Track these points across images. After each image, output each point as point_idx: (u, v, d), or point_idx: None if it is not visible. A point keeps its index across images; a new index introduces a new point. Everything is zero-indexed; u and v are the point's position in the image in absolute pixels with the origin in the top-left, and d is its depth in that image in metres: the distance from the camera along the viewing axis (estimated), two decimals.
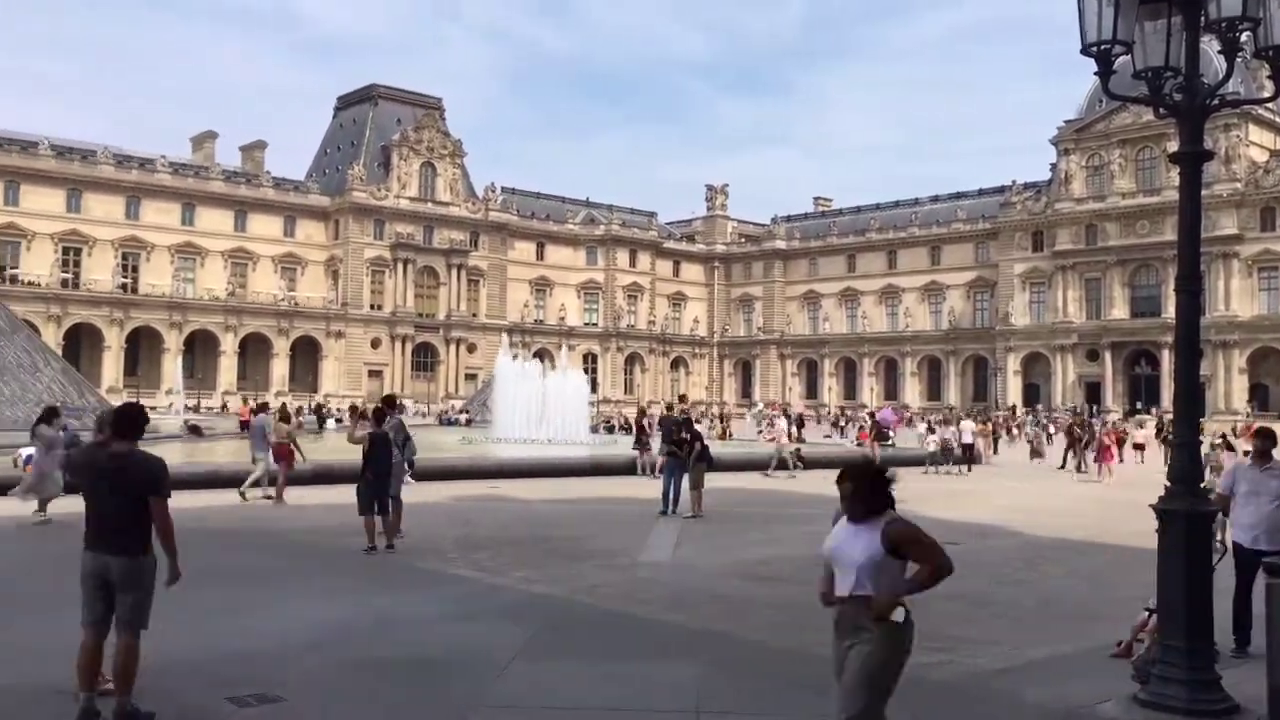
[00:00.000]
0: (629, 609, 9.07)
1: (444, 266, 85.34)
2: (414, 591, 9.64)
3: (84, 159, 73.95)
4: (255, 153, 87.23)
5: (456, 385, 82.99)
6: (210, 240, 77.73)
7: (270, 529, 13.85)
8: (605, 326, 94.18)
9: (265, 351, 78.79)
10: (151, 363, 73.93)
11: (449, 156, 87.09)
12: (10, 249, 70.11)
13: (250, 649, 7.35)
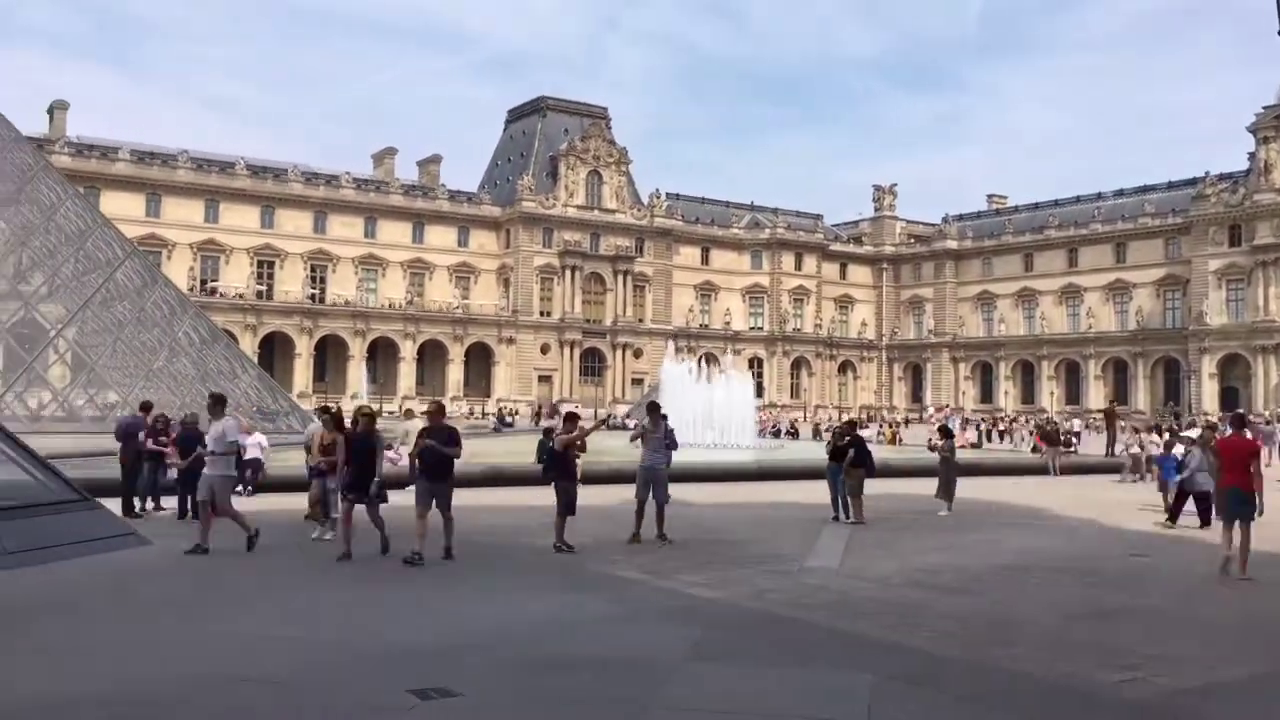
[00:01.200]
0: (796, 615, 8.96)
1: (610, 273, 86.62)
2: (582, 593, 9.79)
3: (276, 177, 78.54)
4: (431, 167, 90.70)
5: (623, 390, 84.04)
6: (390, 251, 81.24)
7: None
8: (771, 330, 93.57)
9: (441, 357, 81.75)
10: (337, 369, 77.80)
11: (614, 164, 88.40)
12: (211, 264, 75.11)
13: (429, 644, 7.62)
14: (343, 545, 11.38)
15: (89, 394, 34.78)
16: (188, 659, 7.08)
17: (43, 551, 10.38)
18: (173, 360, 34.43)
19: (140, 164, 73.31)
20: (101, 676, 6.63)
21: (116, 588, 9.75)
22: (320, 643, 7.63)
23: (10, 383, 31.56)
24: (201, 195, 75.03)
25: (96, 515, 11.58)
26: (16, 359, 32.75)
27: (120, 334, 34.01)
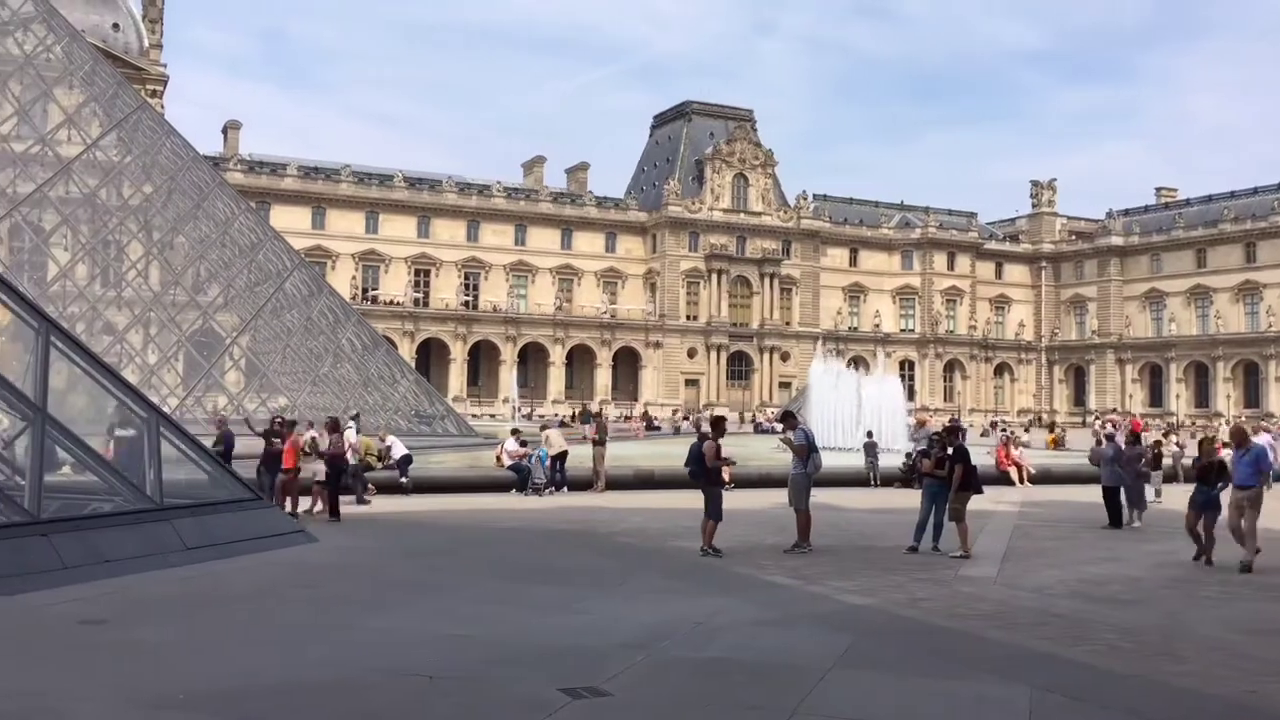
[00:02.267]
0: (951, 624, 8.72)
1: (757, 276, 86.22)
2: (731, 596, 9.76)
3: (431, 188, 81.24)
4: (579, 174, 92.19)
5: (770, 393, 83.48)
6: (540, 258, 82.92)
7: (597, 530, 14.52)
8: (922, 332, 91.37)
9: (590, 362, 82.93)
10: (490, 373, 79.84)
11: (760, 167, 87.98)
12: (371, 273, 78.22)
13: (578, 644, 7.73)
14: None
15: (261, 398, 36.64)
16: (351, 652, 7.38)
17: (219, 547, 11.01)
18: (337, 366, 35.99)
19: (306, 179, 76.95)
20: (273, 667, 6.98)
21: (286, 583, 10.23)
22: (474, 640, 7.84)
23: (191, 387, 33.55)
24: (362, 207, 78.22)
25: (268, 513, 12.22)
26: (195, 365, 34.82)
27: (289, 341, 35.76)
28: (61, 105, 34.17)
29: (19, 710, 5.88)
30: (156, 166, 34.55)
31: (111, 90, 34.44)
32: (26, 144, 33.92)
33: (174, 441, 11.67)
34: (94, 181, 33.92)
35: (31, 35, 33.63)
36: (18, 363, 11.94)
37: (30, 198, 32.40)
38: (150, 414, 11.59)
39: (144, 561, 10.06)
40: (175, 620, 8.40)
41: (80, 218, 34.62)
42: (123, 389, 11.88)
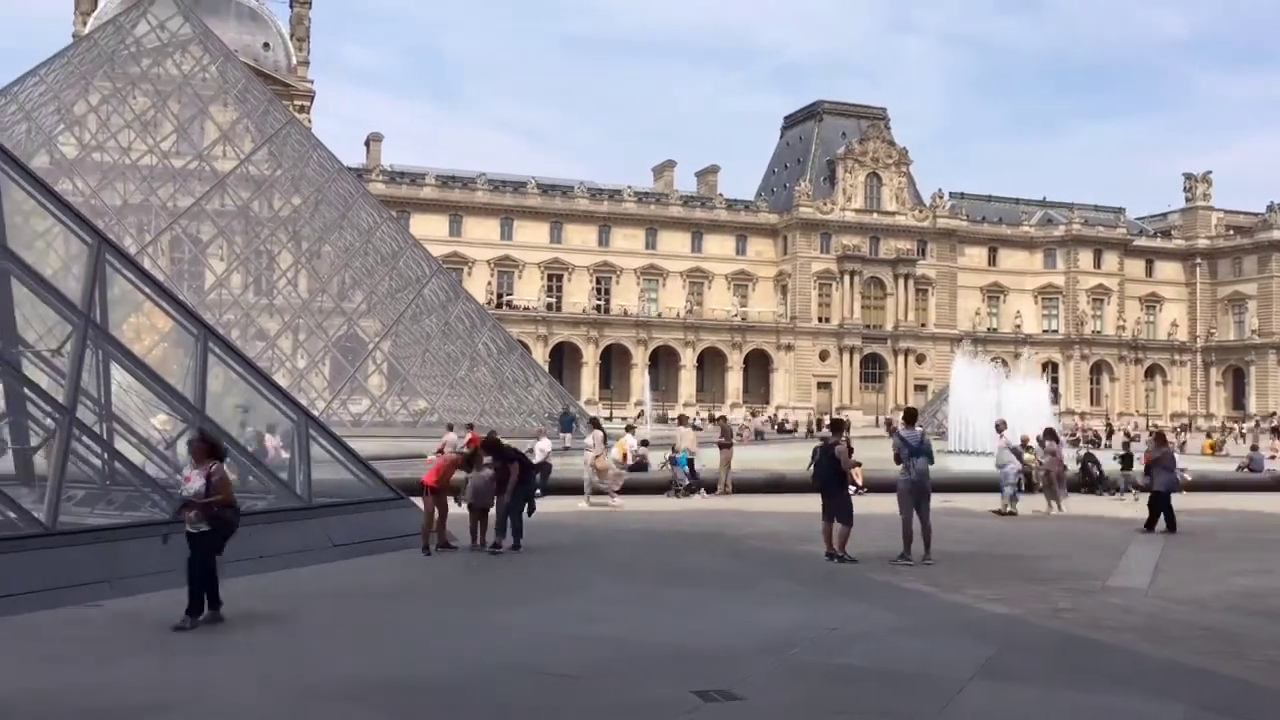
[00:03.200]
0: (1098, 637, 8.37)
1: (890, 276, 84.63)
2: (866, 603, 9.61)
3: (564, 195, 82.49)
4: (709, 177, 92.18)
5: (906, 396, 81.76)
6: (670, 261, 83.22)
7: (727, 533, 14.49)
8: (1067, 333, 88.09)
9: (720, 365, 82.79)
10: (621, 376, 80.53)
11: (894, 165, 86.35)
12: (506, 278, 79.89)
13: (710, 647, 7.73)
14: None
15: (402, 401, 37.85)
16: (489, 648, 7.55)
17: (364, 544, 11.42)
18: (474, 370, 36.88)
19: (444, 188, 79.10)
20: (416, 661, 7.20)
21: (427, 580, 10.54)
22: (608, 639, 7.92)
23: (337, 391, 34.91)
24: (497, 214, 79.95)
25: (410, 512, 12.60)
26: (341, 370, 36.20)
27: (428, 345, 36.82)
28: (217, 122, 36.00)
29: (188, 697, 6.22)
30: (304, 179, 36.08)
31: (263, 107, 36.12)
32: (185, 160, 35.87)
33: (321, 442, 12.15)
34: (247, 194, 35.63)
35: (189, 56, 35.54)
36: (178, 367, 12.62)
37: (189, 211, 34.25)
38: (300, 416, 12.10)
39: (296, 557, 10.51)
40: (323, 614, 8.75)
41: (234, 229, 36.42)
42: (274, 392, 12.43)
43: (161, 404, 11.11)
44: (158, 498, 10.30)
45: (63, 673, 6.65)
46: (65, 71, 33.69)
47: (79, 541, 9.15)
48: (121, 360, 10.79)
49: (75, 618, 8.02)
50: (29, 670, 6.69)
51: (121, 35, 34.78)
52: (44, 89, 33.33)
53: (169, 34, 35.16)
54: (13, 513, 8.83)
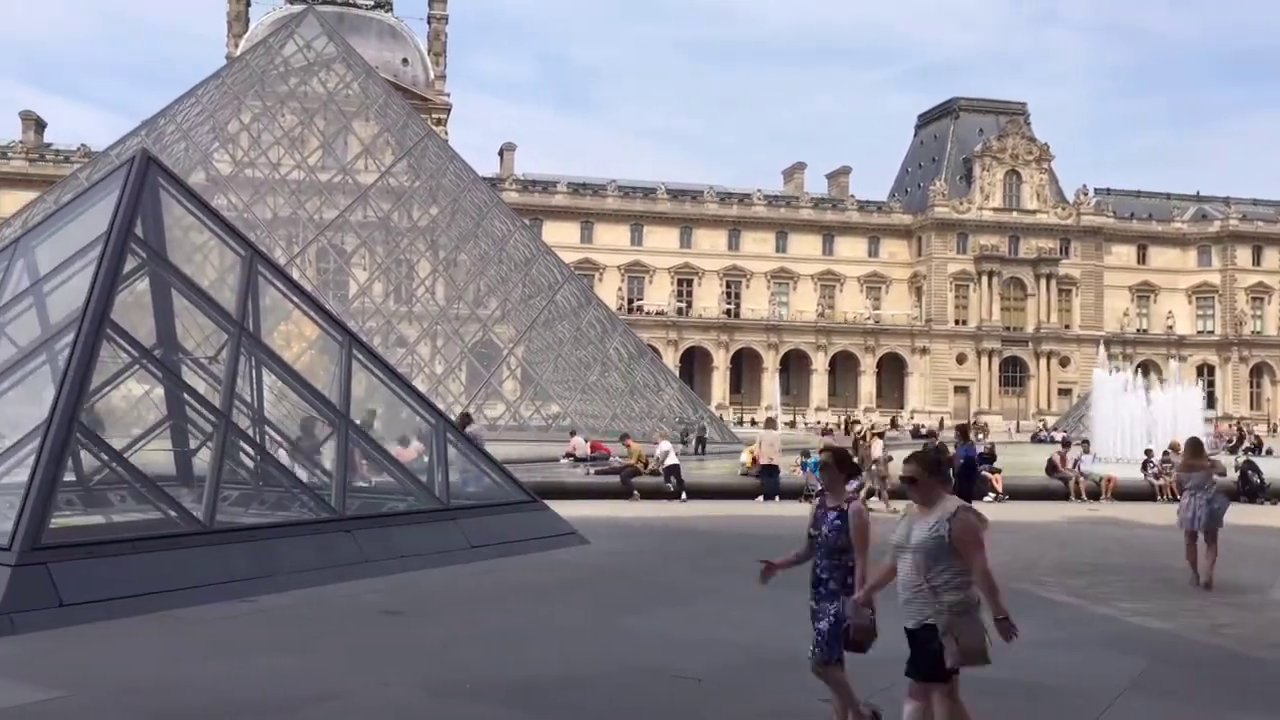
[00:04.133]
0: (1260, 654, 7.92)
1: (1031, 277, 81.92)
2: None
3: (693, 199, 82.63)
4: (840, 178, 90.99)
5: (1048, 401, 79.03)
6: (800, 265, 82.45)
7: None
8: (1224, 334, 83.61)
9: (853, 369, 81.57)
10: (752, 381, 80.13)
11: (1034, 162, 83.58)
12: (636, 283, 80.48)
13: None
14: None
15: (535, 405, 38.52)
16: (621, 650, 7.61)
17: (499, 546, 11.64)
18: (605, 375, 37.26)
19: (575, 195, 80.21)
20: (549, 661, 7.31)
21: (561, 582, 10.68)
22: (740, 644, 7.88)
23: (473, 396, 35.74)
24: (627, 220, 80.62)
25: (544, 515, 12.79)
26: (476, 375, 37.06)
27: (560, 351, 37.37)
28: (359, 137, 37.39)
29: (329, 690, 6.46)
30: (441, 189, 37.13)
31: (402, 121, 37.34)
32: (330, 174, 37.35)
33: (459, 446, 12.46)
34: (387, 206, 36.86)
35: (334, 74, 37.03)
36: (324, 373, 13.12)
37: (334, 223, 35.63)
38: (438, 420, 12.43)
39: (434, 558, 10.79)
40: (461, 614, 8.96)
41: (376, 239, 37.72)
42: (414, 397, 12.80)
43: (309, 408, 11.57)
44: (306, 498, 10.73)
45: (222, 665, 6.99)
46: (219, 92, 35.51)
47: (234, 539, 9.60)
48: (272, 366, 11.29)
49: (232, 612, 8.41)
50: (193, 661, 7.05)
51: (270, 56, 36.48)
52: (200, 109, 35.20)
53: (314, 53, 36.72)
54: (174, 511, 9.32)
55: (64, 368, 9.00)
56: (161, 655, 7.17)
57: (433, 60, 78.78)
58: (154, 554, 8.79)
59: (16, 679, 6.34)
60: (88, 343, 9.01)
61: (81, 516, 10.74)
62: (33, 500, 8.04)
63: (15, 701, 5.96)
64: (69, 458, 9.17)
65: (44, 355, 9.83)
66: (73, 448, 9.04)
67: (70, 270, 10.28)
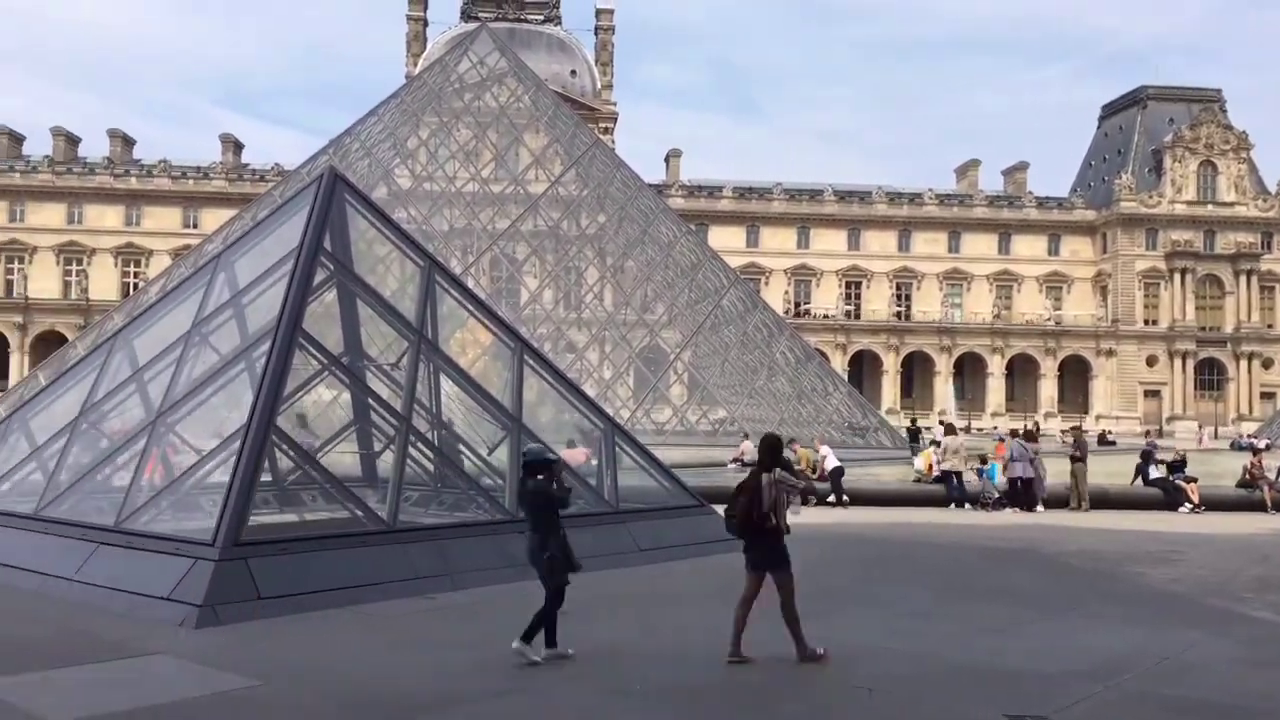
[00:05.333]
0: None
1: (1230, 273, 76.84)
2: (1199, 630, 8.77)
3: (861, 200, 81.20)
4: (1017, 175, 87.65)
5: (1250, 405, 73.96)
6: (975, 265, 79.83)
7: (1042, 550, 13.69)
8: None
9: (1032, 372, 78.43)
10: (924, 385, 78.07)
11: (1232, 151, 78.39)
12: (803, 287, 79.65)
13: (1021, 668, 7.34)
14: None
15: (702, 410, 38.64)
16: (787, 657, 7.54)
17: (667, 550, 11.74)
18: (772, 379, 37.02)
19: (741, 199, 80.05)
20: (717, 665, 7.30)
21: (729, 586, 10.67)
22: (909, 654, 7.70)
23: (640, 400, 36.15)
24: (794, 223, 79.89)
25: (712, 520, 12.82)
26: (644, 380, 37.45)
27: (727, 355, 37.36)
28: (530, 148, 38.42)
29: (507, 686, 6.66)
30: (608, 197, 37.73)
31: (570, 131, 38.17)
32: (502, 185, 38.54)
33: (627, 450, 12.63)
34: (557, 214, 37.73)
35: (505, 88, 38.20)
36: (498, 379, 13.53)
37: (506, 232, 36.71)
38: (607, 425, 12.64)
39: (603, 560, 10.96)
40: (631, 616, 9.07)
41: (546, 248, 38.66)
42: (583, 402, 13.06)
43: (483, 412, 11.95)
44: (482, 500, 11.09)
45: (406, 658, 7.30)
46: (399, 110, 37.13)
47: (416, 539, 10.01)
48: (449, 372, 11.72)
49: (413, 608, 8.77)
50: (380, 654, 7.39)
51: (446, 73, 37.93)
52: (381, 127, 36.90)
53: (487, 69, 37.97)
54: (360, 511, 9.80)
55: (261, 375, 9.59)
56: (350, 648, 7.55)
57: (600, 70, 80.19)
58: (342, 551, 9.27)
59: (221, 666, 6.80)
60: (282, 351, 9.58)
61: (276, 515, 11.42)
62: (233, 499, 8.60)
63: (220, 688, 6.39)
64: (265, 460, 9.76)
65: (243, 363, 10.49)
66: (269, 450, 9.62)
67: (266, 283, 10.95)
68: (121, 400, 11.52)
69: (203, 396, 10.52)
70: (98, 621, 7.93)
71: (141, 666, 6.84)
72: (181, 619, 7.82)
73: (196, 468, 9.88)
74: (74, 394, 12.00)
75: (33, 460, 11.43)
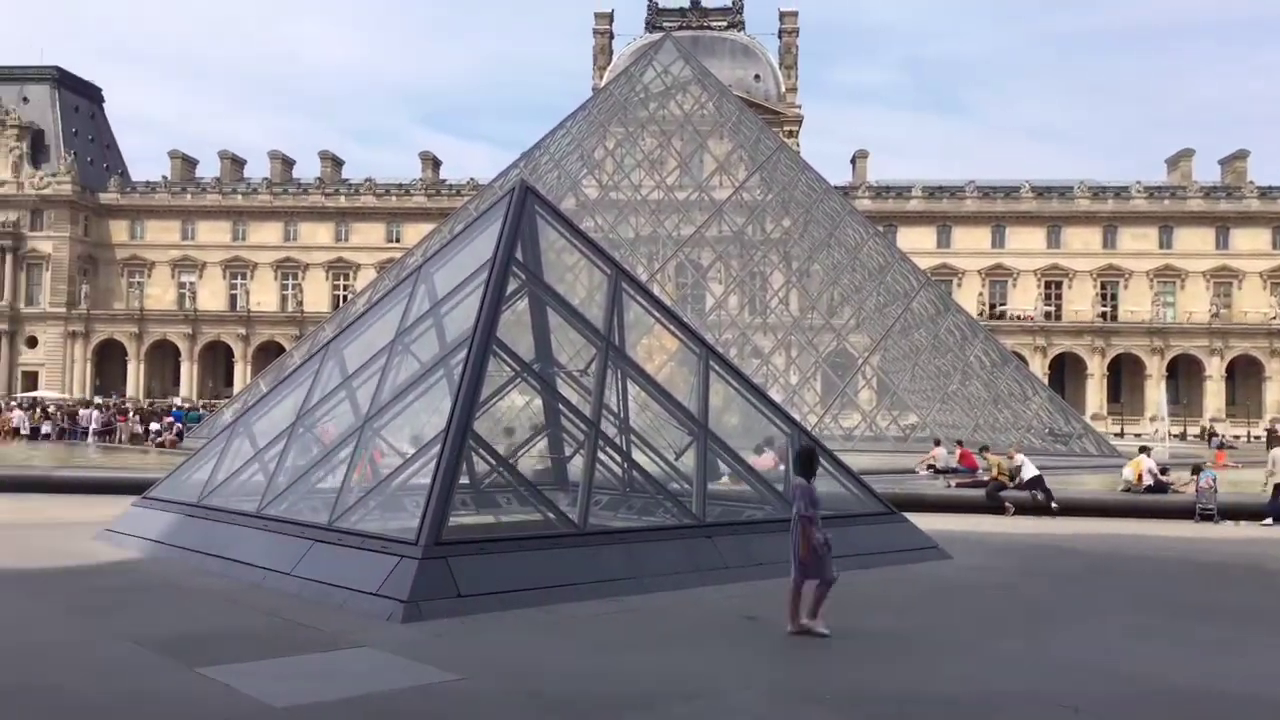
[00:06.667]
0: None
1: None
2: None
3: (1060, 196, 77.50)
4: (1236, 164, 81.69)
5: None
6: (1189, 261, 74.94)
7: (1267, 566, 12.71)
8: None
9: (1256, 374, 72.90)
10: (1133, 389, 73.78)
11: None
12: (999, 287, 76.65)
13: (1244, 692, 6.82)
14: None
15: (891, 415, 37.74)
16: (987, 671, 7.27)
17: (858, 558, 11.49)
18: (965, 384, 35.78)
19: (930, 199, 77.83)
20: (908, 679, 7.12)
21: (921, 597, 10.38)
22: (1117, 673, 7.28)
23: (828, 406, 35.63)
24: (988, 222, 77.05)
25: (902, 528, 12.51)
26: (831, 385, 36.90)
27: (917, 360, 36.37)
28: (714, 154, 38.58)
29: (688, 690, 6.69)
30: (793, 201, 37.44)
31: (754, 136, 38.10)
32: (687, 192, 38.85)
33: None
34: (741, 220, 37.71)
35: (689, 96, 38.51)
36: (684, 384, 13.62)
37: (691, 239, 36.95)
38: (794, 430, 12.52)
39: (788, 567, 10.87)
40: (824, 623, 8.93)
41: (731, 253, 38.71)
42: (769, 407, 12.98)
43: (670, 417, 12.05)
44: (670, 505, 11.18)
45: (599, 659, 7.44)
46: (586, 122, 38.00)
47: (605, 541, 10.19)
48: (636, 378, 11.88)
49: (603, 610, 8.93)
50: (572, 654, 7.56)
51: (632, 84, 38.55)
52: (569, 139, 37.84)
53: (671, 78, 38.37)
54: (552, 514, 10.06)
55: (458, 382, 9.98)
56: (545, 646, 7.75)
57: (784, 73, 79.68)
58: (535, 552, 9.54)
59: (424, 660, 7.11)
60: (478, 359, 9.95)
61: (473, 516, 11.86)
62: (434, 501, 8.98)
63: (424, 680, 6.69)
64: (463, 463, 10.16)
65: (442, 370, 10.95)
66: (466, 454, 9.99)
67: (462, 294, 11.40)
68: (332, 406, 12.23)
69: (405, 402, 11.04)
70: (312, 614, 8.44)
71: (352, 658, 7.23)
72: (388, 614, 8.22)
73: (400, 470, 10.36)
74: (290, 400, 12.81)
75: (255, 462, 12.26)
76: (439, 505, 8.94)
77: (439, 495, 9.01)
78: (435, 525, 8.82)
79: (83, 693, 6.31)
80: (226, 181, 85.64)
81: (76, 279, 79.83)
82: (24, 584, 9.87)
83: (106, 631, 7.90)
